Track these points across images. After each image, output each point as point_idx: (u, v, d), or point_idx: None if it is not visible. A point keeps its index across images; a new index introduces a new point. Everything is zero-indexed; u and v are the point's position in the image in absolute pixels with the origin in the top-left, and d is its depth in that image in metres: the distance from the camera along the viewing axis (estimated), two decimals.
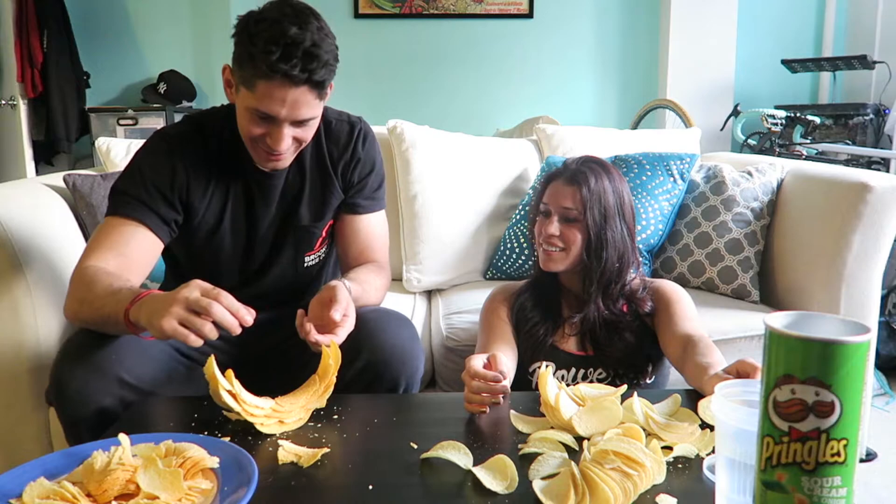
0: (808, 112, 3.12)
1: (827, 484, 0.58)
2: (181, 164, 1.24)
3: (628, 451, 0.79)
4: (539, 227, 1.39)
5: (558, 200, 1.36)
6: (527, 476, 0.82)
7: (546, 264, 1.38)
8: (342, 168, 1.34)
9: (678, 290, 1.38)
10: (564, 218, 1.35)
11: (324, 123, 1.32)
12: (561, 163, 1.46)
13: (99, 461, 0.78)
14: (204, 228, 1.29)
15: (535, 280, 1.46)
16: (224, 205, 1.29)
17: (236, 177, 1.29)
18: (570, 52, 3.78)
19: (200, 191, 1.26)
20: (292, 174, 1.31)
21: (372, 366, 1.15)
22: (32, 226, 1.51)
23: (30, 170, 3.40)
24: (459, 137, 2.17)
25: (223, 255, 1.32)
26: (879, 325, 2.42)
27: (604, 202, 1.35)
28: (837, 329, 0.61)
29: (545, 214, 1.39)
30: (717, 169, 1.94)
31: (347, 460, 0.89)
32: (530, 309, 1.41)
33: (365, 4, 3.68)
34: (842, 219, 1.65)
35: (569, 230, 1.35)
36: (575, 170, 1.37)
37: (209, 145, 1.27)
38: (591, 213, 1.33)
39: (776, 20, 3.73)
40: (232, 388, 0.95)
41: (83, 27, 3.59)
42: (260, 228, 1.32)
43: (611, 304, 1.37)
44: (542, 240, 1.38)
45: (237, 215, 1.30)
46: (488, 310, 1.43)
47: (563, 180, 1.37)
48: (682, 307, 1.34)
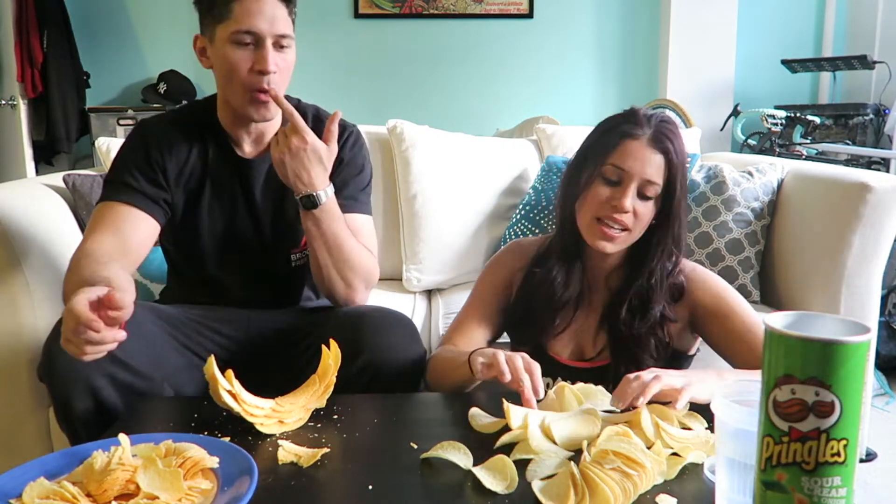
0: (808, 112, 3.12)
1: (827, 484, 0.58)
2: (154, 146, 1.28)
3: (628, 452, 0.79)
4: (600, 193, 1.12)
5: (643, 168, 1.09)
6: (525, 477, 0.82)
7: (599, 244, 1.13)
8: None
9: (727, 285, 1.19)
10: (642, 192, 1.11)
11: (314, 121, 1.34)
12: (632, 115, 1.14)
13: (99, 461, 0.78)
14: (178, 212, 1.31)
15: (561, 254, 1.21)
16: (201, 187, 1.31)
17: (217, 163, 1.32)
18: (570, 52, 3.78)
19: (176, 171, 1.29)
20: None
21: (371, 365, 1.15)
22: (32, 226, 1.51)
23: (30, 170, 3.39)
24: (459, 137, 2.17)
25: (203, 242, 1.33)
26: (879, 325, 2.42)
27: (684, 178, 1.12)
28: (837, 329, 0.61)
29: (613, 182, 1.11)
30: (718, 169, 1.94)
31: (347, 460, 0.89)
32: (552, 285, 1.19)
33: (365, 4, 3.68)
34: (842, 219, 1.65)
35: (644, 207, 1.11)
36: (658, 130, 1.11)
37: (186, 131, 1.31)
38: (677, 190, 1.11)
39: (776, 20, 3.72)
40: (232, 388, 0.95)
41: (83, 27, 3.58)
42: (239, 217, 1.33)
43: (663, 295, 1.16)
44: (602, 212, 1.11)
45: (214, 201, 1.32)
46: (487, 272, 1.30)
47: (647, 141, 1.10)
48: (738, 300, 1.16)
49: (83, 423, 1.07)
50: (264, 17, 1.19)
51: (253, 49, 1.21)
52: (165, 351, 1.19)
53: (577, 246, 1.21)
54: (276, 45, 1.22)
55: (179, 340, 1.24)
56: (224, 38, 1.21)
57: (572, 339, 1.24)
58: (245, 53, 1.21)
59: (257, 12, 1.19)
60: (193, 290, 1.38)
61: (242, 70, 1.21)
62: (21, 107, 3.33)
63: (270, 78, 1.22)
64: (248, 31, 1.19)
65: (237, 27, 1.19)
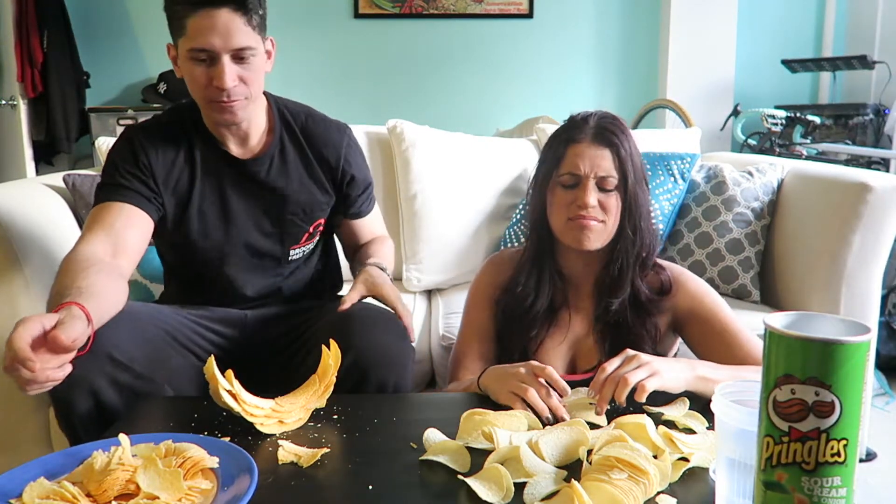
0: (808, 112, 3.12)
1: (827, 484, 0.58)
2: (141, 149, 1.27)
3: (631, 458, 0.76)
4: (564, 199, 1.17)
5: (593, 165, 1.15)
6: (523, 499, 0.78)
7: (583, 242, 1.17)
8: (331, 172, 1.37)
9: (710, 289, 1.23)
10: (601, 186, 1.16)
11: (309, 121, 1.36)
12: (571, 122, 1.22)
13: (99, 461, 0.78)
14: (170, 215, 1.30)
15: (534, 260, 1.25)
16: (190, 189, 1.30)
17: (206, 164, 1.31)
18: (570, 52, 3.77)
19: (164, 174, 1.28)
20: (275, 167, 1.33)
21: (357, 366, 1.13)
22: (32, 226, 1.51)
23: (30, 170, 3.39)
24: (459, 137, 2.17)
25: (196, 243, 1.32)
26: (879, 325, 2.42)
27: (635, 164, 1.17)
28: (837, 329, 0.61)
29: (571, 185, 1.17)
30: (718, 169, 1.94)
31: (347, 460, 0.89)
32: (528, 300, 1.22)
33: (365, 4, 3.68)
34: (842, 219, 1.65)
35: (607, 199, 1.16)
36: (600, 127, 1.17)
37: (174, 133, 1.30)
38: (629, 177, 1.16)
39: (776, 20, 3.72)
40: (232, 388, 0.95)
41: (83, 27, 3.58)
42: (235, 218, 1.33)
43: (644, 286, 1.20)
44: (573, 213, 1.16)
45: (205, 202, 1.31)
46: (471, 295, 1.30)
47: (591, 141, 1.17)
48: (718, 303, 1.20)
49: (83, 424, 1.06)
50: (217, 33, 1.16)
51: (210, 65, 1.19)
52: (165, 352, 1.19)
53: (552, 257, 1.25)
54: (234, 58, 1.19)
55: (179, 341, 1.24)
56: (184, 53, 1.20)
57: (567, 352, 1.25)
58: (202, 69, 1.19)
59: (209, 29, 1.16)
60: (190, 291, 1.38)
61: (201, 85, 1.21)
62: (21, 107, 3.33)
63: (232, 90, 1.20)
64: (201, 48, 1.17)
65: (191, 45, 1.17)
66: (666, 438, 0.86)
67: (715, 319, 1.18)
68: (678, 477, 0.82)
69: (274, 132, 1.34)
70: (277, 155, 1.33)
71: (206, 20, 1.15)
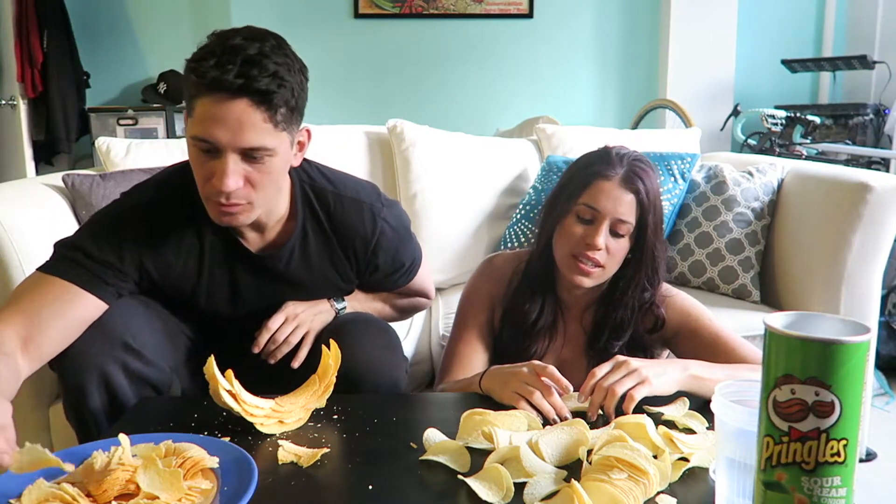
0: (808, 112, 3.12)
1: (827, 484, 0.58)
2: (130, 237, 1.10)
3: (631, 458, 0.76)
4: (574, 231, 1.16)
5: (614, 208, 1.13)
6: (523, 499, 0.78)
7: (576, 279, 1.17)
8: (356, 261, 1.23)
9: (695, 302, 1.25)
10: (614, 230, 1.15)
11: (338, 206, 1.18)
12: (605, 155, 1.18)
13: (99, 461, 0.78)
14: (168, 292, 1.17)
15: (536, 281, 1.25)
16: (197, 277, 1.16)
17: (216, 256, 1.16)
18: (570, 52, 3.78)
19: (164, 266, 1.13)
20: (295, 260, 1.18)
21: (346, 378, 1.09)
22: (32, 226, 1.51)
23: (30, 170, 3.39)
24: (459, 137, 2.17)
25: (200, 315, 1.23)
26: (879, 325, 2.42)
27: (657, 214, 1.16)
28: (837, 329, 0.61)
29: (587, 220, 1.15)
30: (718, 169, 1.94)
31: (347, 460, 0.89)
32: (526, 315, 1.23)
33: (365, 4, 3.68)
34: (842, 219, 1.65)
35: (617, 244, 1.15)
36: (630, 170, 1.15)
37: (178, 216, 1.12)
38: (649, 227, 1.15)
39: (776, 20, 3.73)
40: (232, 388, 0.95)
41: (83, 27, 3.58)
42: (246, 301, 1.21)
43: (641, 319, 1.21)
44: (577, 249, 1.15)
45: (215, 284, 1.18)
46: (466, 297, 1.29)
47: (619, 181, 1.14)
48: (704, 314, 1.22)
49: (93, 413, 1.06)
50: (226, 126, 0.95)
51: (213, 157, 0.99)
52: (177, 341, 1.19)
53: (552, 278, 1.26)
54: (244, 157, 0.99)
55: (188, 331, 1.24)
56: (189, 137, 1.01)
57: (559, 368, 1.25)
58: (205, 159, 1.00)
59: (218, 119, 0.95)
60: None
61: (201, 178, 1.02)
62: (21, 107, 3.33)
63: (233, 193, 1.00)
64: (204, 139, 0.97)
65: (195, 131, 0.98)
66: (666, 438, 0.87)
67: (703, 331, 1.20)
68: (678, 477, 0.82)
69: (296, 218, 1.16)
70: (298, 246, 1.18)
71: (216, 107, 0.95)
